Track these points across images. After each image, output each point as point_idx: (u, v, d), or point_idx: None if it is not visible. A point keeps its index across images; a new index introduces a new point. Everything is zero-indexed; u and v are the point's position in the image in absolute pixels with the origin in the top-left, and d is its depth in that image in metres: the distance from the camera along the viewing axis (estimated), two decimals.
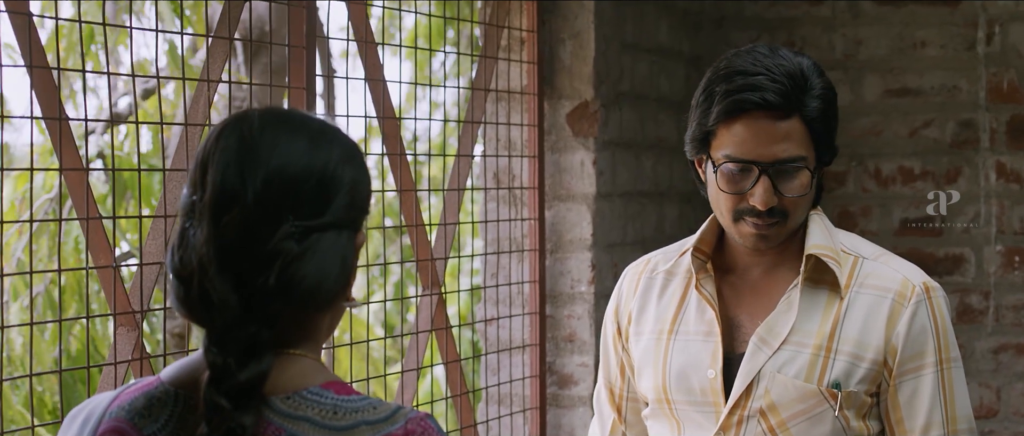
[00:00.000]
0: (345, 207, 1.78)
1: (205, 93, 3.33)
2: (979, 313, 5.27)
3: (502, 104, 4.53)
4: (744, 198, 2.54)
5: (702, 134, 2.56)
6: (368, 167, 1.86)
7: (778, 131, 2.52)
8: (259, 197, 1.73)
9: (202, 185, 1.76)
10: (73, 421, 1.83)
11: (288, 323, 1.75)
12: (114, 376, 3.08)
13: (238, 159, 1.75)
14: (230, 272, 1.71)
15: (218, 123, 1.82)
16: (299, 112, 1.83)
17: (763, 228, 2.55)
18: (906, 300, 2.57)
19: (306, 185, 1.75)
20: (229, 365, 1.69)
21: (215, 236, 1.72)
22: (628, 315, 2.75)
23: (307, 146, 1.77)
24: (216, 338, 1.71)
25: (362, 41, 3.91)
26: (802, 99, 2.52)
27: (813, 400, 2.55)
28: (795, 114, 2.52)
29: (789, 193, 2.53)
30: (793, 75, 2.52)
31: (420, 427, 1.74)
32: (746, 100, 2.51)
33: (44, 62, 2.97)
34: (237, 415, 1.69)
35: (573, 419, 4.58)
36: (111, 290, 3.10)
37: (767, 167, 2.52)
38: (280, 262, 1.72)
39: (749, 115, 2.52)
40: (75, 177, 3.05)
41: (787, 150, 2.52)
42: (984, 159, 5.27)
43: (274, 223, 1.73)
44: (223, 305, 1.71)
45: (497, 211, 4.54)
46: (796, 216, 2.57)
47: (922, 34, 5.32)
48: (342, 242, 1.77)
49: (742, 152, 2.52)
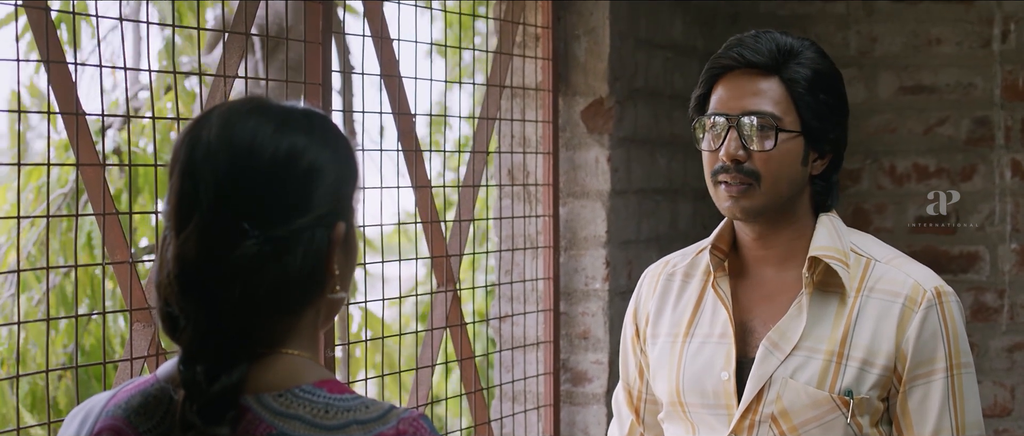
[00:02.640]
0: (316, 203, 1.72)
1: (221, 89, 3.33)
2: (994, 311, 5.25)
3: (517, 100, 4.52)
4: (718, 157, 2.55)
5: (697, 103, 2.61)
6: (350, 153, 1.78)
7: (753, 87, 2.55)
8: (214, 205, 1.69)
9: (168, 191, 1.74)
10: (73, 420, 1.82)
11: (272, 324, 1.72)
12: (130, 372, 3.09)
13: (193, 165, 1.71)
14: (195, 288, 1.69)
15: (188, 123, 1.78)
16: (268, 102, 1.76)
17: (733, 189, 2.54)
18: (917, 305, 2.55)
19: (268, 187, 1.70)
20: (199, 381, 1.67)
21: (178, 254, 1.70)
22: (646, 317, 2.74)
23: (270, 139, 1.71)
24: (186, 354, 1.70)
25: (378, 37, 3.91)
26: (787, 62, 2.55)
27: (825, 407, 2.54)
28: (775, 75, 2.55)
29: (757, 148, 2.53)
30: (780, 44, 2.56)
31: (412, 427, 1.72)
32: (727, 57, 2.57)
33: (61, 57, 2.97)
34: (210, 430, 1.67)
35: (587, 416, 4.58)
36: (127, 286, 3.10)
37: (736, 118, 2.54)
38: (243, 275, 1.68)
39: (731, 73, 2.57)
40: (92, 173, 3.05)
41: (758, 104, 2.54)
42: (999, 157, 5.26)
43: (234, 233, 1.69)
44: (190, 322, 1.69)
45: (512, 208, 4.54)
46: (770, 180, 2.54)
47: (937, 31, 5.31)
48: (315, 241, 1.72)
49: (717, 107, 2.57)
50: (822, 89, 2.56)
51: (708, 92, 2.60)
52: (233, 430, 1.68)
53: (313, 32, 3.55)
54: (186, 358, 1.69)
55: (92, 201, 3.09)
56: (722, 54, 2.58)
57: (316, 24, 3.55)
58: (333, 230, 1.74)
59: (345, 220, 1.76)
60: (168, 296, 1.71)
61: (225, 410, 1.68)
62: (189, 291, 1.69)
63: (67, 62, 2.98)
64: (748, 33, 2.60)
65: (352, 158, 1.79)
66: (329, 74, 3.57)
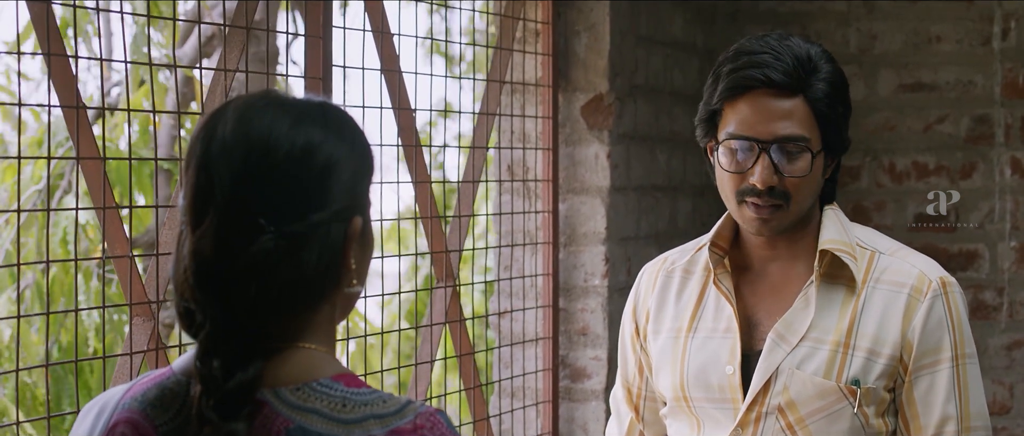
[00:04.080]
0: (333, 198, 1.72)
1: (221, 83, 3.32)
2: (993, 309, 5.25)
3: (516, 96, 4.52)
4: (745, 178, 2.53)
5: (708, 114, 2.57)
6: (366, 146, 1.77)
7: (780, 109, 2.52)
8: (230, 200, 1.69)
9: (183, 187, 1.73)
10: (88, 414, 1.82)
11: (289, 319, 1.72)
12: (130, 367, 3.08)
13: (209, 160, 1.70)
14: (211, 284, 1.68)
15: (203, 116, 1.78)
16: (284, 96, 1.75)
17: (763, 211, 2.54)
18: (922, 295, 2.57)
19: (284, 183, 1.69)
20: (216, 376, 1.67)
21: (194, 250, 1.69)
22: (646, 314, 2.74)
23: (286, 134, 1.70)
24: (203, 349, 1.69)
25: (377, 32, 3.90)
26: (807, 80, 2.52)
27: (832, 397, 2.54)
28: (799, 94, 2.52)
29: (789, 174, 2.52)
30: (800, 58, 2.52)
31: (429, 422, 1.71)
32: (750, 77, 2.51)
33: (62, 50, 2.97)
34: (226, 425, 1.67)
35: (586, 413, 4.58)
36: (127, 280, 3.09)
37: (768, 144, 2.51)
38: (260, 271, 1.68)
39: (753, 92, 2.52)
40: (91, 166, 3.05)
41: (788, 129, 2.51)
42: (999, 155, 5.25)
43: (250, 229, 1.68)
44: (207, 317, 1.68)
45: (511, 203, 4.53)
46: (799, 200, 2.55)
47: (937, 29, 5.31)
48: (331, 236, 1.72)
49: (744, 129, 2.52)
50: (840, 101, 2.57)
51: (722, 107, 2.56)
52: (249, 425, 1.68)
53: (313, 26, 3.55)
54: (203, 353, 1.69)
55: (92, 195, 3.08)
56: (742, 70, 2.53)
57: (316, 18, 3.54)
58: (350, 225, 1.73)
59: (361, 214, 1.75)
60: (184, 292, 1.70)
61: (241, 406, 1.67)
62: (205, 287, 1.69)
63: (68, 55, 2.97)
64: (758, 40, 2.56)
65: (368, 152, 1.78)
66: (330, 68, 3.56)
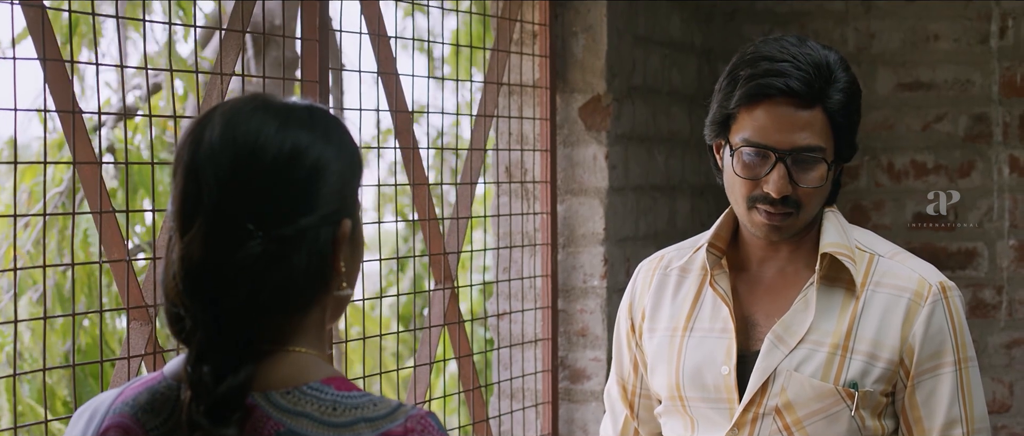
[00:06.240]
0: (321, 202, 1.71)
1: (218, 87, 3.32)
2: (992, 308, 5.25)
3: (514, 98, 4.52)
4: (759, 185, 2.53)
5: (723, 117, 2.56)
6: (354, 148, 1.76)
7: (799, 119, 2.51)
8: (218, 205, 1.68)
9: (172, 192, 1.73)
10: (80, 418, 1.81)
11: (279, 323, 1.72)
12: (127, 370, 3.08)
13: (196, 165, 1.69)
14: (200, 289, 1.68)
15: (189, 122, 1.76)
16: (271, 99, 1.74)
17: (775, 218, 2.54)
18: (923, 300, 2.56)
19: (272, 187, 1.69)
20: (206, 381, 1.67)
21: (183, 255, 1.69)
22: (642, 312, 2.74)
23: (273, 138, 1.69)
24: (192, 355, 1.69)
25: (375, 35, 3.90)
26: (826, 90, 2.52)
27: (830, 399, 2.54)
28: (817, 105, 2.52)
29: (804, 184, 2.52)
30: (819, 66, 2.51)
31: (420, 425, 1.71)
32: (770, 85, 2.51)
33: (57, 54, 2.97)
34: (217, 430, 1.66)
35: (585, 414, 4.58)
36: (124, 284, 3.10)
37: (784, 154, 2.51)
38: (248, 276, 1.67)
39: (771, 100, 2.51)
40: (88, 171, 3.05)
41: (806, 139, 2.51)
42: (997, 153, 5.25)
43: (239, 234, 1.67)
44: (196, 323, 1.68)
45: (509, 205, 4.53)
46: (809, 209, 2.56)
47: (935, 28, 5.31)
48: (321, 239, 1.71)
49: (761, 137, 2.52)
50: (853, 110, 2.57)
51: (738, 111, 2.54)
52: (240, 430, 1.68)
53: (309, 29, 3.55)
54: (193, 358, 1.68)
55: (89, 199, 3.09)
56: (762, 77, 2.52)
57: (312, 21, 3.54)
58: (339, 227, 1.73)
59: (351, 217, 1.75)
60: (174, 297, 1.70)
61: (231, 411, 1.67)
62: (194, 292, 1.68)
63: (64, 60, 2.97)
64: (776, 43, 2.55)
65: (356, 154, 1.77)
66: (326, 72, 3.57)
